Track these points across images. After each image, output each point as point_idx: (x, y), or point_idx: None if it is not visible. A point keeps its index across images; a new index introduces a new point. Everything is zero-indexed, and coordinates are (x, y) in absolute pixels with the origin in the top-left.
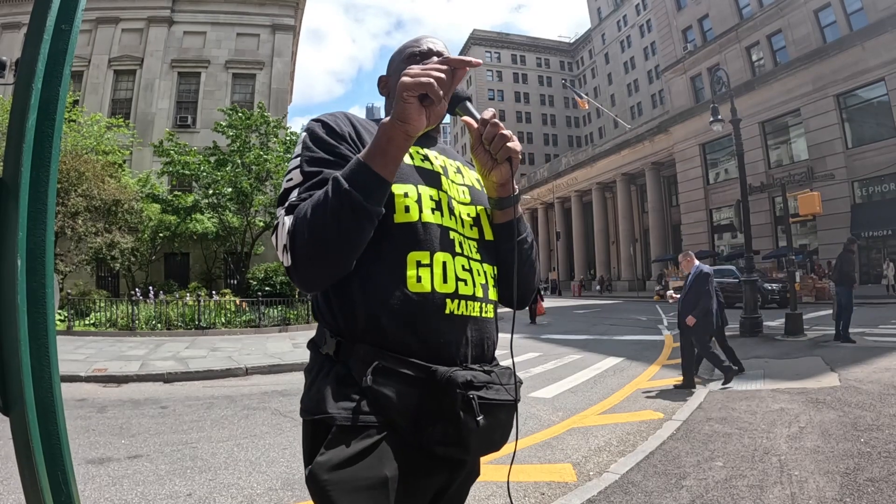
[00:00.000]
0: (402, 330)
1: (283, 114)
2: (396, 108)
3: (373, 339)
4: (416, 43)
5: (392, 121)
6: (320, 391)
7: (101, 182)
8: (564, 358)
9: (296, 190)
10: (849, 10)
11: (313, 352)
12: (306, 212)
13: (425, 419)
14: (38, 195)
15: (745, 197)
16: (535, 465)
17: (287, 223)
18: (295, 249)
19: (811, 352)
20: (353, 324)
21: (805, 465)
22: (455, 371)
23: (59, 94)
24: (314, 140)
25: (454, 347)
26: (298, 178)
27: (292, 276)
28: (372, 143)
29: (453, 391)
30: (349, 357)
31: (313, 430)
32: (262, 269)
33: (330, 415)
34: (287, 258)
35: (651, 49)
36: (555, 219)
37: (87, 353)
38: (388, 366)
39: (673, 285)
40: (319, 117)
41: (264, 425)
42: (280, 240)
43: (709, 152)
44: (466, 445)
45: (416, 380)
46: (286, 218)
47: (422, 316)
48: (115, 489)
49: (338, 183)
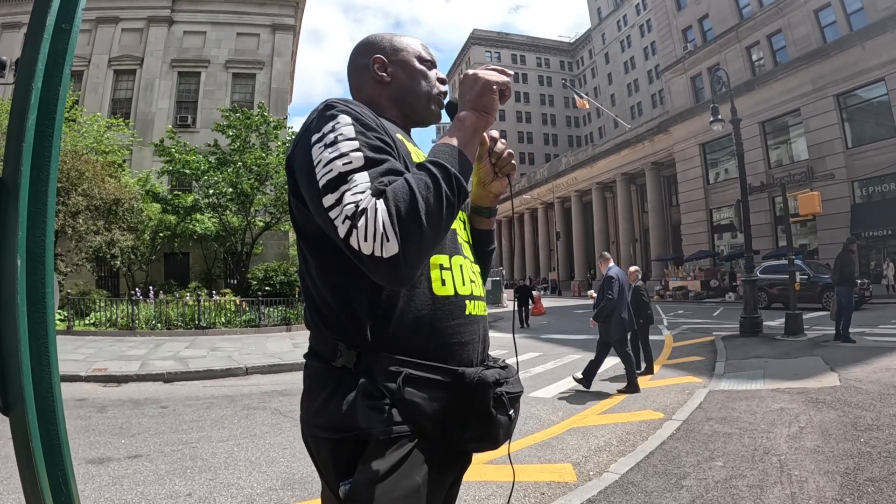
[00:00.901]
0: (428, 334)
1: (283, 114)
2: (482, 101)
3: (397, 347)
4: (423, 49)
5: (476, 112)
6: (347, 407)
7: (101, 181)
8: (564, 358)
9: (361, 173)
10: (849, 10)
11: (320, 364)
12: (414, 197)
13: (454, 420)
14: (38, 195)
15: (745, 197)
16: (535, 465)
17: (382, 208)
18: (407, 236)
19: (811, 352)
20: (377, 332)
21: (805, 464)
22: (482, 371)
23: (59, 94)
24: (364, 125)
25: (471, 347)
26: (360, 161)
27: (392, 268)
28: (458, 132)
29: (485, 391)
30: (372, 368)
31: (340, 447)
32: (262, 269)
33: (364, 430)
34: (389, 247)
35: (651, 49)
36: (555, 219)
37: (87, 352)
38: (416, 373)
39: (673, 285)
40: (344, 102)
41: (264, 425)
42: (374, 227)
43: (709, 152)
44: (496, 439)
45: (444, 383)
46: (377, 202)
47: (448, 319)
48: (115, 489)
49: (445, 168)
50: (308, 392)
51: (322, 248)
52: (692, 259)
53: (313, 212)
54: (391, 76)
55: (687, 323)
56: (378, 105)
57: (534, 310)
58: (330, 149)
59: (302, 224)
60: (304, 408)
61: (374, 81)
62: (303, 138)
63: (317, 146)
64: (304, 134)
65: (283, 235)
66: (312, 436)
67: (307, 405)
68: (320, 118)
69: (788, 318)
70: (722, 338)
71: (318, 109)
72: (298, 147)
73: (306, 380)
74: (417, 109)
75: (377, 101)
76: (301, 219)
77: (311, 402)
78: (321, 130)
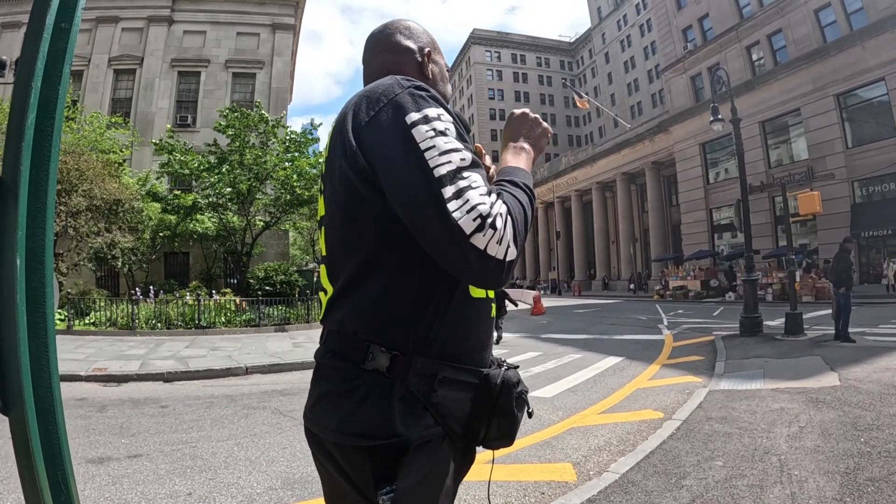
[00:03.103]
0: (464, 337)
1: (282, 113)
2: (540, 142)
3: (434, 350)
4: (442, 55)
5: (535, 150)
6: (382, 413)
7: (101, 182)
8: (564, 357)
9: (474, 172)
10: (849, 9)
11: (345, 365)
12: (521, 211)
13: (477, 419)
14: (38, 194)
15: (746, 196)
16: (535, 465)
17: (509, 218)
18: (519, 245)
19: (811, 351)
20: (416, 335)
21: (805, 464)
22: (504, 371)
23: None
24: (461, 126)
25: (489, 348)
26: (470, 160)
27: (507, 272)
28: (523, 161)
29: (510, 391)
30: (407, 372)
31: (377, 454)
32: (262, 269)
33: (403, 437)
34: (512, 252)
35: (651, 48)
36: (555, 218)
37: (87, 352)
38: (449, 376)
39: (673, 284)
40: (433, 93)
41: (264, 424)
42: (504, 232)
43: (709, 152)
44: (514, 436)
45: (470, 385)
46: (502, 208)
47: (481, 321)
48: (115, 488)
49: (532, 191)
50: (329, 396)
51: (390, 240)
52: (692, 258)
53: (405, 198)
54: (431, 74)
55: (687, 322)
56: None
57: (534, 310)
58: (444, 138)
59: (358, 211)
60: (328, 413)
61: (418, 71)
62: (386, 114)
63: (422, 128)
64: (384, 109)
65: (282, 235)
66: (340, 444)
67: (332, 410)
68: (414, 98)
69: (788, 318)
70: (722, 337)
71: (400, 86)
72: (381, 123)
73: (325, 383)
74: None
75: None
76: (358, 204)
77: (335, 408)
78: (422, 111)
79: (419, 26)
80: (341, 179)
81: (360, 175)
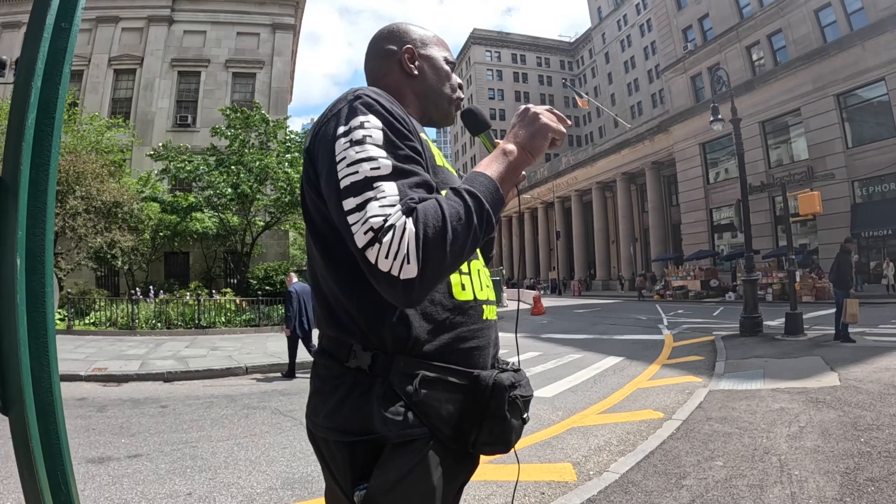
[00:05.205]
0: (448, 339)
1: (283, 114)
2: (533, 143)
3: (415, 350)
4: (448, 51)
5: (524, 152)
6: (362, 409)
7: (101, 182)
8: (564, 357)
9: (389, 183)
10: (849, 9)
11: (332, 363)
12: (444, 225)
13: (468, 423)
14: (38, 194)
15: (746, 196)
16: (535, 465)
17: (410, 229)
18: (428, 262)
19: (811, 351)
20: (395, 335)
21: (805, 464)
22: (497, 374)
23: (59, 93)
24: (396, 132)
25: (486, 351)
26: (388, 169)
27: (405, 290)
28: (498, 165)
29: (501, 394)
30: (389, 370)
31: (357, 450)
32: (262, 269)
33: (381, 434)
34: (408, 270)
35: (651, 48)
36: (555, 218)
37: (87, 352)
38: (433, 375)
39: (673, 284)
40: (376, 94)
41: (264, 424)
42: (398, 247)
43: (709, 152)
44: (509, 442)
45: (459, 386)
46: (407, 221)
47: (467, 324)
48: (115, 488)
49: (480, 202)
50: (319, 393)
51: (340, 246)
52: (692, 259)
53: (331, 209)
54: (419, 70)
55: (687, 322)
56: (401, 96)
57: (534, 310)
58: (357, 147)
59: (317, 218)
60: (315, 409)
61: (401, 71)
62: (327, 127)
63: (342, 140)
64: (328, 122)
65: (283, 235)
66: (326, 439)
67: (318, 406)
68: (350, 109)
69: (788, 318)
70: (722, 337)
71: (346, 98)
72: (321, 136)
73: (316, 380)
74: (440, 109)
75: (401, 92)
76: (316, 212)
77: (323, 404)
78: (348, 123)
79: (406, 26)
80: (303, 190)
81: (311, 186)
